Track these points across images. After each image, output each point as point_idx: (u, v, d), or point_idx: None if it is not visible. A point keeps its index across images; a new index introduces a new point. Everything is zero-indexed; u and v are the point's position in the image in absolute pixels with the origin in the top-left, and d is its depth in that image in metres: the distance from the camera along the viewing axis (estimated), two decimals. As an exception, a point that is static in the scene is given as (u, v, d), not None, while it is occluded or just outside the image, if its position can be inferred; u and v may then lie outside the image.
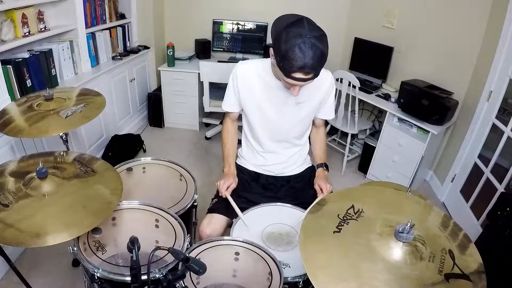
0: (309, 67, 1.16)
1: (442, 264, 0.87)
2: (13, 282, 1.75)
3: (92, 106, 1.62)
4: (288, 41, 1.15)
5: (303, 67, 1.16)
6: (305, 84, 1.25)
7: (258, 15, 3.49)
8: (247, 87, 1.48)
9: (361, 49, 3.26)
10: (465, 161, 2.57)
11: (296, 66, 1.15)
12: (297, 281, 1.17)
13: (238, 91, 1.50)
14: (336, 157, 3.34)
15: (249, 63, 1.49)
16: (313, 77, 1.22)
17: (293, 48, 1.14)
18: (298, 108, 1.49)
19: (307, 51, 1.13)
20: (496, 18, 2.28)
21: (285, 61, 1.17)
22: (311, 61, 1.15)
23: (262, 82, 1.45)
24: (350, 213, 1.00)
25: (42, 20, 2.22)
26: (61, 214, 1.06)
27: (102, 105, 1.64)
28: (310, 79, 1.22)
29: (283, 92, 1.43)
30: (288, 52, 1.15)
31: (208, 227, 1.46)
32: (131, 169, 1.68)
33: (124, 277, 1.08)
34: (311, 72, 1.19)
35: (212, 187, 1.71)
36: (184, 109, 3.56)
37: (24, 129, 1.44)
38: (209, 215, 1.51)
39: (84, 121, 1.53)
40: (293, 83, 1.24)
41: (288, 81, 1.24)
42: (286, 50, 1.15)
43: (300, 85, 1.25)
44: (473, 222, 2.29)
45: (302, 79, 1.20)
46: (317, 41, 1.15)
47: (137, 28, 3.50)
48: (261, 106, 1.49)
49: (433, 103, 2.45)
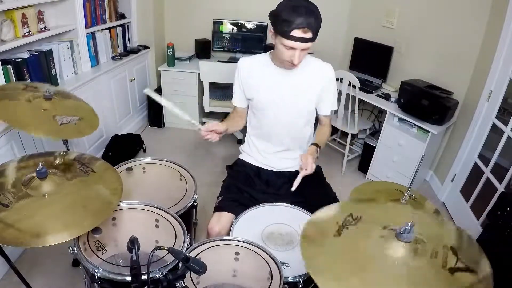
0: (305, 24, 1.26)
1: (445, 260, 0.87)
2: (13, 282, 1.75)
3: (86, 123, 1.55)
4: (284, 8, 1.29)
5: (301, 23, 1.26)
6: (305, 46, 1.32)
7: (258, 15, 3.48)
8: (250, 77, 1.57)
9: (361, 49, 3.26)
10: (465, 161, 2.57)
11: (294, 22, 1.26)
12: (297, 281, 1.17)
13: (242, 83, 1.60)
14: (336, 157, 3.34)
15: (251, 57, 1.60)
16: (311, 38, 1.31)
17: (289, 10, 1.27)
18: (298, 97, 1.55)
19: (302, 10, 1.26)
20: (496, 18, 2.28)
21: (283, 22, 1.28)
22: (307, 17, 1.26)
23: (264, 71, 1.54)
24: (349, 220, 1.00)
25: (42, 20, 2.22)
26: (61, 214, 1.06)
27: (95, 126, 1.59)
28: (308, 40, 1.31)
29: (285, 80, 1.51)
30: (284, 13, 1.27)
31: (218, 225, 1.48)
32: (131, 169, 1.68)
33: (124, 277, 1.08)
34: (308, 30, 1.28)
35: (212, 187, 1.71)
36: (184, 109, 3.51)
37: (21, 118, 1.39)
38: (217, 213, 1.52)
39: (77, 135, 1.52)
40: (293, 45, 1.31)
41: (288, 43, 1.31)
42: (282, 13, 1.28)
43: (300, 47, 1.32)
44: (473, 222, 2.29)
45: (301, 38, 1.29)
46: (310, 5, 1.30)
47: (137, 28, 3.50)
48: (264, 95, 1.56)
49: (433, 103, 2.45)
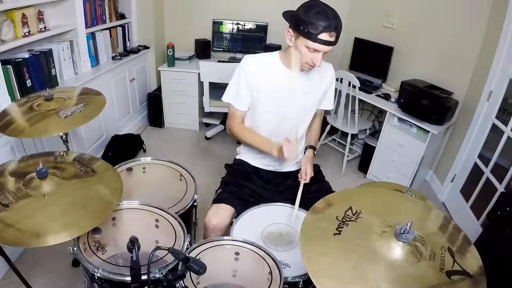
0: (333, 27, 1.28)
1: (442, 262, 0.87)
2: (13, 282, 1.75)
3: (92, 106, 1.61)
4: (310, 10, 1.28)
5: (328, 27, 1.27)
6: (329, 49, 1.34)
7: (258, 15, 3.49)
8: (257, 77, 1.47)
9: (361, 49, 3.26)
10: (465, 161, 2.57)
11: (322, 26, 1.26)
12: (297, 281, 1.17)
13: (251, 85, 1.48)
14: (336, 157, 3.34)
15: (257, 56, 1.51)
16: (335, 42, 1.32)
17: (316, 13, 1.27)
18: (306, 97, 1.53)
19: (329, 14, 1.28)
20: (496, 18, 2.28)
21: (310, 25, 1.27)
22: (335, 21, 1.28)
23: (272, 71, 1.48)
24: (348, 215, 1.00)
25: (42, 20, 2.22)
26: (61, 214, 1.06)
27: (102, 105, 1.64)
28: (332, 44, 1.32)
29: (293, 82, 1.46)
30: (312, 17, 1.27)
31: (215, 217, 1.46)
32: (131, 169, 1.68)
33: (124, 277, 1.08)
34: (335, 33, 1.30)
35: (212, 187, 1.71)
36: (184, 109, 3.55)
37: (25, 129, 1.44)
38: (216, 205, 1.50)
39: (83, 121, 1.53)
40: (319, 48, 1.31)
41: (313, 46, 1.31)
42: (309, 16, 1.27)
43: (324, 50, 1.33)
44: (473, 222, 2.29)
45: (327, 41, 1.30)
46: (333, 10, 1.31)
47: (137, 28, 3.50)
48: (273, 97, 1.49)
49: (433, 103, 2.45)
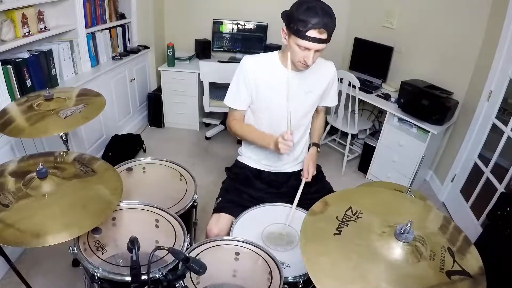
0: (322, 24, 1.24)
1: (442, 262, 0.87)
2: (13, 282, 1.75)
3: (91, 107, 1.61)
4: (300, 7, 1.25)
5: (317, 23, 1.23)
6: (320, 47, 1.29)
7: (258, 15, 3.48)
8: (257, 77, 1.47)
9: (361, 49, 3.26)
10: (465, 161, 2.57)
11: (311, 23, 1.23)
12: (297, 281, 1.17)
13: (249, 83, 1.47)
14: (336, 157, 3.34)
15: (256, 56, 1.50)
16: (326, 39, 1.28)
17: (305, 10, 1.24)
18: (307, 97, 1.52)
19: (319, 10, 1.24)
20: (496, 18, 2.28)
21: (299, 22, 1.25)
22: (325, 18, 1.24)
23: (271, 71, 1.47)
24: (348, 215, 1.00)
25: (42, 20, 2.22)
26: (61, 214, 1.06)
27: (102, 106, 1.64)
28: (323, 41, 1.28)
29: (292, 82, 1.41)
30: (301, 13, 1.24)
31: (216, 227, 1.47)
32: (131, 169, 1.68)
33: (124, 277, 1.08)
34: (324, 31, 1.26)
35: (212, 187, 1.71)
36: (184, 109, 3.55)
37: (25, 129, 1.44)
38: (216, 215, 1.51)
39: (83, 121, 1.53)
40: (308, 46, 1.28)
41: (302, 43, 1.28)
42: (298, 13, 1.25)
43: (315, 47, 1.29)
44: (473, 222, 2.29)
45: (316, 39, 1.26)
46: (325, 5, 1.27)
47: (137, 28, 3.50)
48: (272, 97, 1.48)
49: (433, 103, 2.45)
